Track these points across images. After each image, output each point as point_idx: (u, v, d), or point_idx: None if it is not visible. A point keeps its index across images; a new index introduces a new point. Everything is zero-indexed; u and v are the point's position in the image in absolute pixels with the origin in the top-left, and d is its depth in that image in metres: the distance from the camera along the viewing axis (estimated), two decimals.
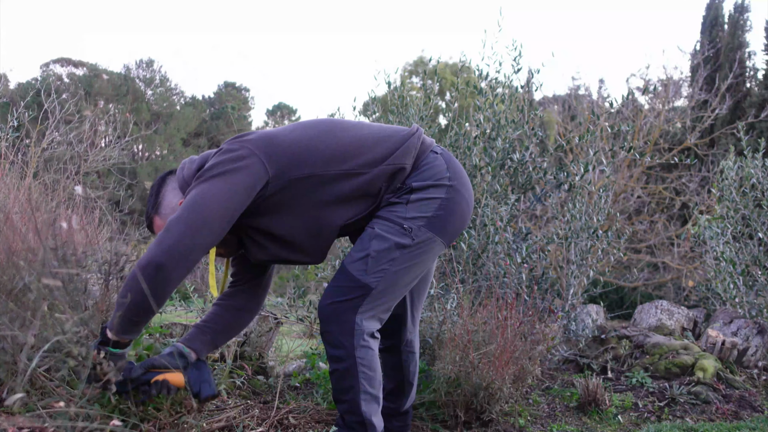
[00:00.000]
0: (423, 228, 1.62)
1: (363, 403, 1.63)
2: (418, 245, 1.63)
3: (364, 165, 1.62)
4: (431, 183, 1.65)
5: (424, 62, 21.10)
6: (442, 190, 1.65)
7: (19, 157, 3.31)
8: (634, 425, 2.44)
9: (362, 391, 1.62)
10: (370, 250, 1.61)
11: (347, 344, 1.59)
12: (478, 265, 3.14)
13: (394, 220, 1.62)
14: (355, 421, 1.64)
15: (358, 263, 1.61)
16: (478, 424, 2.22)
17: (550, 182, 3.31)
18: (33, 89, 5.36)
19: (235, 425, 2.02)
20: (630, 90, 12.43)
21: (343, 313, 1.59)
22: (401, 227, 1.61)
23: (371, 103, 4.22)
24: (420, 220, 1.62)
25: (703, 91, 13.62)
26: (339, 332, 1.59)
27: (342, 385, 1.62)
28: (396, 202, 1.64)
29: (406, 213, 1.62)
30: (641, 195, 12.61)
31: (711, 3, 18.88)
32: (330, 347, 1.61)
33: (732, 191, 4.67)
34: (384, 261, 1.60)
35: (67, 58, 34.71)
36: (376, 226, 1.63)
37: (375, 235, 1.62)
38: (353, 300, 1.59)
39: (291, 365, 3.07)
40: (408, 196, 1.64)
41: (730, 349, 3.27)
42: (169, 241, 1.46)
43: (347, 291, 1.60)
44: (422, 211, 1.63)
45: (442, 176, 1.66)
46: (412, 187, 1.64)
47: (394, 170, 1.64)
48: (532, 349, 2.33)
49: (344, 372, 1.61)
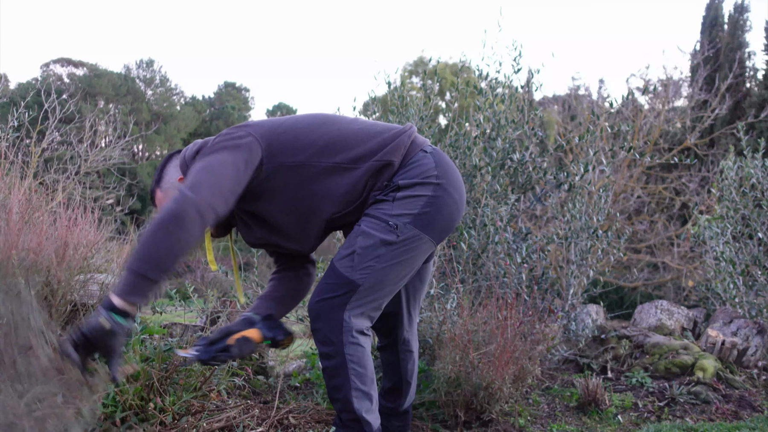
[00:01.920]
0: (409, 225, 1.62)
1: (355, 401, 1.63)
2: (404, 242, 1.63)
3: (354, 159, 1.65)
4: (418, 181, 1.65)
5: (424, 62, 21.09)
6: (429, 188, 1.65)
7: (19, 157, 3.31)
8: (634, 425, 2.44)
9: (353, 388, 1.63)
10: (356, 247, 1.62)
11: (336, 341, 1.60)
12: (478, 265, 3.15)
13: (380, 216, 1.63)
14: (349, 419, 1.65)
15: (345, 260, 1.63)
16: (478, 424, 2.22)
17: (550, 182, 3.31)
18: (33, 89, 5.35)
19: (235, 425, 2.02)
20: (630, 90, 12.41)
21: (331, 310, 1.60)
22: (387, 224, 1.62)
23: (371, 103, 4.23)
24: (406, 217, 1.63)
25: (703, 91, 13.61)
26: (327, 329, 1.60)
27: (333, 383, 1.64)
28: (382, 200, 1.65)
29: (392, 210, 1.63)
30: (641, 195, 12.61)
31: (711, 3, 18.88)
32: (320, 344, 1.63)
33: (732, 191, 4.67)
34: (369, 258, 1.61)
35: (67, 58, 34.69)
36: (363, 223, 1.64)
37: (361, 232, 1.63)
38: (340, 297, 1.60)
39: (291, 365, 3.07)
40: (394, 194, 1.64)
41: (729, 349, 3.27)
42: (186, 193, 1.46)
43: (335, 288, 1.61)
44: (408, 209, 1.63)
45: (429, 174, 1.66)
46: (398, 184, 1.65)
47: (380, 166, 1.65)
48: (532, 349, 2.34)
49: (334, 369, 1.62)
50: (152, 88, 38.60)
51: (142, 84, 38.14)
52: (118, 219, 4.08)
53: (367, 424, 1.66)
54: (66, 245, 2.47)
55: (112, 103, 28.13)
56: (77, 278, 2.52)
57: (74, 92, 6.98)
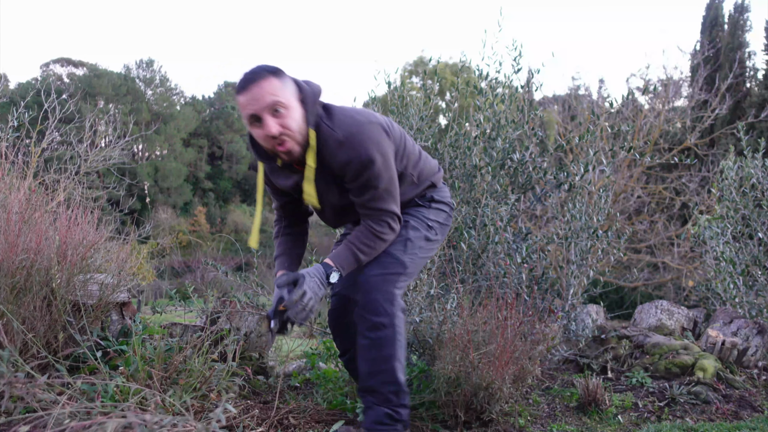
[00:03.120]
0: (438, 230, 2.05)
1: (399, 372, 1.81)
2: (435, 241, 2.05)
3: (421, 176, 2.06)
4: (445, 201, 2.13)
5: (424, 62, 21.08)
6: (448, 207, 2.13)
7: (19, 157, 3.31)
8: (634, 425, 2.44)
9: (398, 359, 1.81)
10: (409, 236, 1.95)
11: (390, 311, 1.80)
12: (478, 265, 3.14)
13: (421, 218, 2.02)
14: (391, 390, 1.80)
15: (398, 245, 1.92)
16: (478, 424, 2.22)
17: (550, 182, 3.31)
18: (33, 89, 5.34)
19: (235, 425, 2.02)
20: (630, 90, 12.42)
21: (386, 284, 1.83)
22: (427, 225, 2.02)
23: (371, 103, 4.22)
24: (437, 223, 2.06)
25: (703, 91, 13.62)
26: (383, 300, 1.80)
27: (382, 353, 1.79)
28: (420, 205, 2.06)
29: (429, 215, 2.04)
30: (641, 195, 12.61)
31: (711, 3, 18.88)
32: (373, 315, 1.79)
33: (732, 191, 4.67)
34: (416, 247, 1.95)
35: (67, 58, 34.67)
36: (411, 219, 2.00)
37: (411, 226, 1.98)
38: (393, 274, 1.86)
39: (291, 365, 3.07)
40: (430, 203, 2.07)
41: (730, 349, 3.27)
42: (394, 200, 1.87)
43: (390, 266, 1.87)
44: (438, 218, 2.07)
45: (449, 200, 2.16)
46: (433, 197, 2.09)
47: (430, 185, 2.09)
48: (532, 349, 2.33)
49: (385, 339, 1.78)
50: (152, 88, 38.53)
51: (142, 84, 38.09)
52: (118, 219, 4.07)
53: (405, 394, 1.83)
54: (66, 245, 2.47)
55: (112, 103, 28.11)
56: (77, 278, 2.52)
57: (74, 92, 6.97)
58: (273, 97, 1.70)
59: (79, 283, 2.52)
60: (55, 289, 2.37)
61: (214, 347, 2.29)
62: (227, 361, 2.17)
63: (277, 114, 1.71)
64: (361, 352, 1.84)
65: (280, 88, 1.72)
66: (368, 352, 1.80)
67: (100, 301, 2.62)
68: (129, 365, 2.07)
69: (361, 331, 1.83)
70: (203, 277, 6.65)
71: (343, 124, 1.79)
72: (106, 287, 2.65)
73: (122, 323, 2.78)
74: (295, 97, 1.77)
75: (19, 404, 1.83)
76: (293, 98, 1.76)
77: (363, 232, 1.87)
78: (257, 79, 1.70)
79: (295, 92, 1.77)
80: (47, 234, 2.50)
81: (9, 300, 2.23)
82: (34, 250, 2.35)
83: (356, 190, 1.84)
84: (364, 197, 1.84)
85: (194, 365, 2.06)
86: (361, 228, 1.89)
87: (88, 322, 2.46)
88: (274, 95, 1.70)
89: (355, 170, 1.78)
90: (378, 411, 1.79)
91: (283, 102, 1.72)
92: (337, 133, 1.78)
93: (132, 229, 3.27)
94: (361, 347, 1.84)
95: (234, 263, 13.62)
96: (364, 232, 1.87)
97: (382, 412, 1.79)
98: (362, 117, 1.84)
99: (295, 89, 1.78)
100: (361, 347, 1.84)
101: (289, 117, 1.73)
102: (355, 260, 1.85)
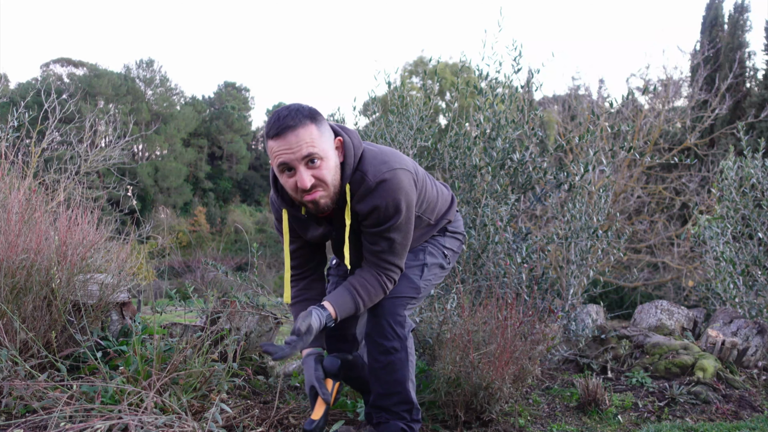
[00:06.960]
0: (451, 258, 2.08)
1: (411, 392, 1.86)
2: (446, 270, 2.07)
3: (438, 217, 2.05)
4: (459, 230, 2.14)
5: (424, 62, 21.09)
6: (462, 236, 2.16)
7: (19, 157, 3.31)
8: (634, 425, 2.44)
9: (410, 380, 1.86)
10: (426, 262, 1.97)
11: (401, 335, 1.83)
12: (478, 265, 3.14)
13: (439, 246, 2.04)
14: (404, 409, 1.85)
15: (415, 269, 1.94)
16: (478, 424, 2.22)
17: (550, 182, 3.31)
18: (33, 89, 5.34)
19: (235, 425, 2.02)
20: (630, 90, 12.41)
21: (399, 307, 1.85)
22: (443, 253, 2.04)
23: (371, 103, 4.22)
24: (451, 251, 2.08)
25: (703, 91, 13.62)
26: (394, 323, 1.82)
27: (395, 377, 1.82)
28: (437, 234, 2.06)
29: (445, 243, 2.06)
30: (641, 195, 12.61)
31: (711, 3, 18.89)
32: (385, 340, 1.81)
33: (732, 191, 4.67)
34: (431, 273, 1.98)
35: (67, 58, 34.68)
36: (428, 245, 2.02)
37: (429, 252, 2.00)
38: (407, 298, 1.88)
39: (291, 365, 3.07)
40: (445, 232, 2.08)
41: (730, 349, 3.27)
42: (405, 255, 1.84)
43: (405, 290, 1.89)
44: (453, 246, 2.10)
45: (462, 230, 2.17)
46: (448, 229, 2.09)
47: (447, 222, 2.09)
48: (532, 349, 2.33)
49: (398, 362, 1.81)
50: (152, 88, 38.52)
51: (142, 84, 38.08)
52: (118, 219, 4.07)
53: (418, 412, 1.89)
54: (66, 245, 2.47)
55: (112, 103, 28.12)
56: (77, 278, 2.52)
57: (74, 92, 6.96)
58: (311, 148, 1.55)
59: (79, 283, 2.52)
60: (55, 288, 2.37)
61: (214, 347, 2.29)
62: (227, 361, 2.17)
63: (312, 165, 1.58)
64: (374, 373, 1.85)
65: (318, 137, 1.58)
66: (381, 375, 1.83)
67: (100, 301, 2.62)
68: (129, 365, 2.08)
69: (373, 354, 1.83)
70: (203, 277, 6.65)
71: (375, 170, 1.68)
72: (106, 287, 2.65)
73: (122, 323, 2.78)
74: (332, 145, 1.64)
75: (18, 403, 1.83)
76: (330, 147, 1.63)
77: (370, 281, 1.78)
78: (295, 125, 1.55)
79: (331, 139, 1.65)
80: (47, 234, 2.50)
81: (9, 300, 2.23)
82: (34, 250, 2.35)
83: (372, 236, 1.75)
84: (378, 246, 1.76)
85: (194, 365, 2.06)
86: (369, 276, 1.79)
87: (88, 322, 2.46)
88: (312, 146, 1.55)
89: (378, 217, 1.70)
90: (394, 426, 1.84)
91: (320, 153, 1.58)
92: (369, 180, 1.67)
93: (132, 229, 3.27)
94: (373, 369, 1.85)
95: (234, 263, 13.63)
96: (372, 282, 1.78)
97: (398, 427, 1.84)
98: (395, 162, 1.72)
99: (332, 136, 1.67)
100: (373, 369, 1.85)
101: (324, 168, 1.60)
102: (354, 309, 1.77)
